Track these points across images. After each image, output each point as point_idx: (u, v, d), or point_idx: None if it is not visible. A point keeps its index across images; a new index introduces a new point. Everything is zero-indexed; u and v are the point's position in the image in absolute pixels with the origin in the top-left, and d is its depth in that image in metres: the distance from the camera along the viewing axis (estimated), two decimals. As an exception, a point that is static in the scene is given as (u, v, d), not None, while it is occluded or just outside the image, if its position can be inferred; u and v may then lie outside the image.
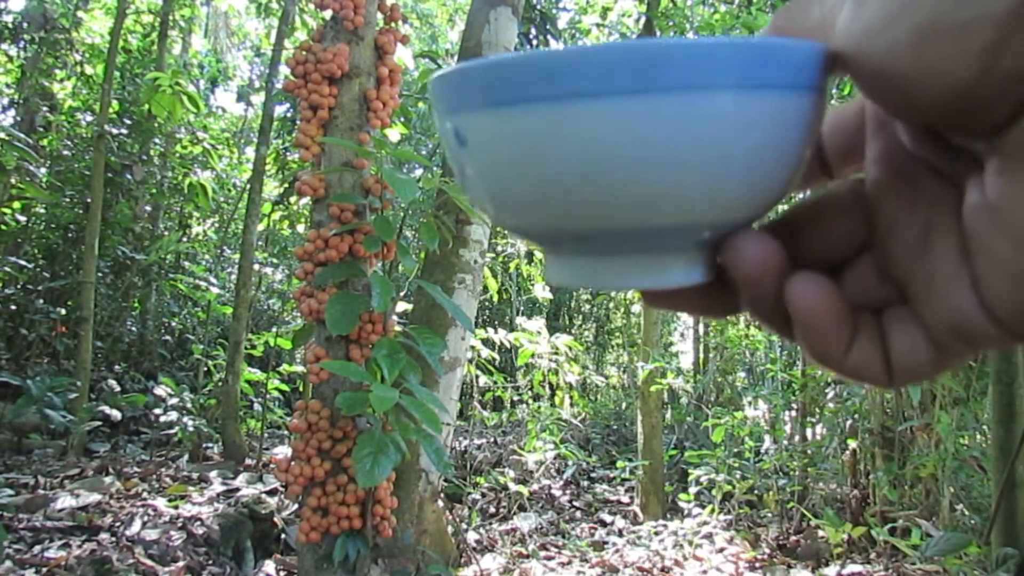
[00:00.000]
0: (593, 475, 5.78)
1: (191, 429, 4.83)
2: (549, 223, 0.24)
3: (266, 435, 5.69)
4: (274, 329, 6.30)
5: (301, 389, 6.64)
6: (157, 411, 4.89)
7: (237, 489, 4.07)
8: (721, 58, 0.21)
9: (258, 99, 11.01)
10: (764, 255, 0.26)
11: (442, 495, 3.10)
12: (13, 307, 6.14)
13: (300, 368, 5.77)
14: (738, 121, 0.22)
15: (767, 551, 3.76)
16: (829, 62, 0.24)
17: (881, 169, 0.27)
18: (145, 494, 3.82)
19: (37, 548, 2.81)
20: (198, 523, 3.23)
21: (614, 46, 0.21)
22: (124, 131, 6.79)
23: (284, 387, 5.98)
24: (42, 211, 6.83)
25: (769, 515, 4.38)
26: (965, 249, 0.24)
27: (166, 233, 7.94)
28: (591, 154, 0.21)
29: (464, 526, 3.78)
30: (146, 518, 3.25)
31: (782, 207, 0.30)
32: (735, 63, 0.21)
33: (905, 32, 0.21)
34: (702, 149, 0.22)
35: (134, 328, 7.38)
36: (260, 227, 6.63)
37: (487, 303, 8.95)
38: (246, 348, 5.56)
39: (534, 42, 6.84)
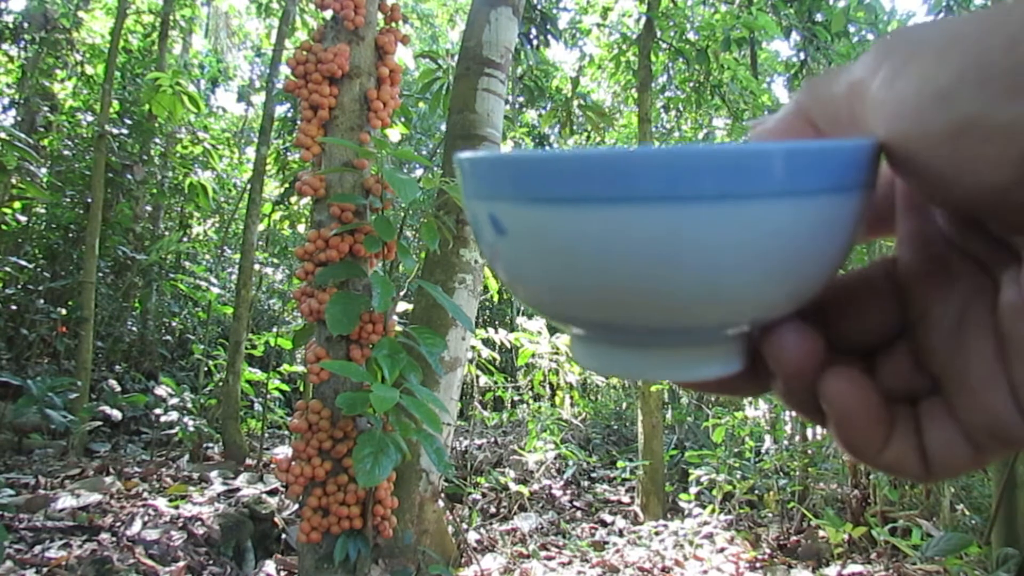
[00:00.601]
0: (593, 475, 5.78)
1: (192, 429, 4.83)
2: (586, 315, 0.24)
3: (267, 435, 5.69)
4: (275, 329, 6.30)
5: (302, 389, 6.64)
6: (158, 411, 4.89)
7: (238, 489, 4.07)
8: (776, 165, 0.21)
9: (259, 99, 11.02)
10: (804, 350, 0.25)
11: (443, 495, 3.11)
12: (14, 307, 6.14)
13: (301, 368, 5.77)
14: (789, 227, 0.22)
15: (767, 551, 3.76)
16: (879, 155, 0.24)
17: (912, 251, 0.27)
18: (146, 494, 3.82)
19: (38, 548, 2.81)
20: (199, 523, 3.23)
21: (673, 152, 0.20)
22: (125, 131, 6.79)
23: (285, 387, 5.99)
24: (43, 211, 6.84)
25: (770, 515, 4.38)
26: (1002, 348, 0.23)
27: (167, 233, 7.94)
28: (641, 256, 0.21)
29: (465, 526, 3.78)
30: (147, 518, 3.25)
31: None
32: (789, 170, 0.21)
33: (941, 124, 0.20)
34: (751, 255, 0.22)
35: (135, 328, 7.38)
36: (261, 227, 6.63)
37: (487, 303, 8.95)
38: (247, 348, 5.56)
39: (534, 42, 6.84)
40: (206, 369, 5.91)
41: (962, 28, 0.21)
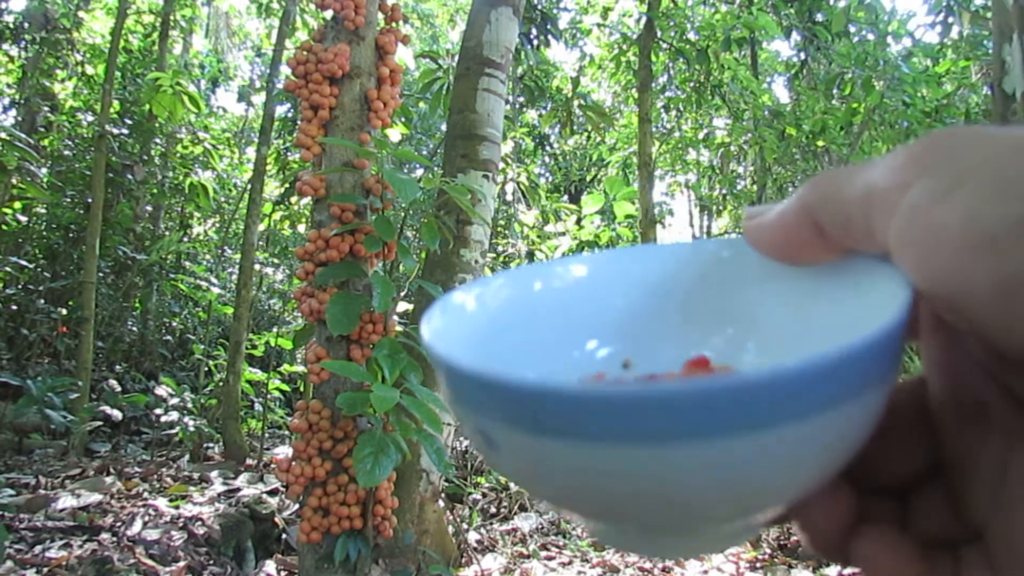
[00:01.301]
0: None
1: (192, 429, 4.84)
2: (587, 518, 0.23)
3: (267, 435, 5.69)
4: (275, 329, 6.31)
5: (302, 389, 6.64)
6: (158, 411, 4.89)
7: (238, 489, 4.07)
8: (806, 389, 0.18)
9: (259, 99, 11.02)
10: (832, 515, 0.23)
11: (443, 495, 3.10)
12: (14, 307, 6.14)
13: (301, 368, 5.77)
14: (817, 438, 0.20)
15: (768, 551, 3.75)
16: (903, 336, 0.21)
17: (943, 380, 0.24)
18: (146, 494, 3.82)
19: (38, 548, 2.81)
20: (199, 523, 3.23)
21: (667, 394, 0.18)
22: (125, 131, 6.79)
23: (285, 387, 5.99)
24: (43, 211, 6.84)
25: (770, 515, 4.38)
26: None
27: (167, 233, 7.95)
28: (641, 490, 0.20)
29: (465, 526, 3.78)
30: (147, 518, 3.25)
31: None
32: (820, 389, 0.19)
33: (988, 275, 0.18)
34: (777, 472, 0.20)
35: (135, 328, 7.38)
36: (261, 227, 6.63)
37: (488, 303, 8.92)
38: (247, 348, 5.56)
39: (535, 42, 6.84)
40: (206, 369, 5.91)
41: (1022, 158, 0.19)
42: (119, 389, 5.48)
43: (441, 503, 3.06)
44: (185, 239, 8.24)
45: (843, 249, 0.24)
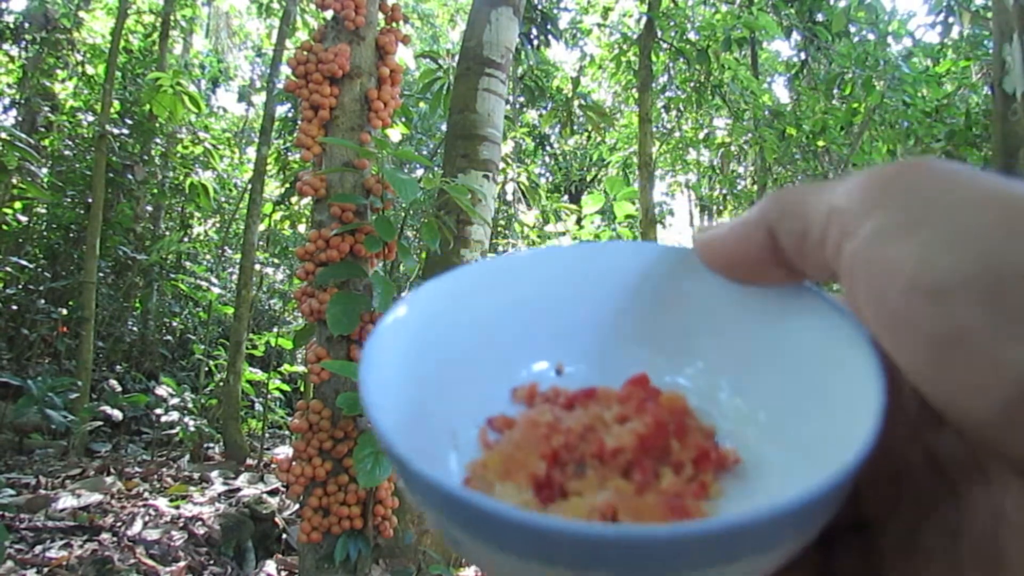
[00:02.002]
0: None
1: (192, 429, 4.84)
2: None
3: (267, 435, 5.69)
4: (275, 329, 6.31)
5: (302, 389, 6.64)
6: (158, 411, 4.89)
7: (238, 489, 4.07)
8: (741, 541, 0.18)
9: (259, 99, 11.03)
10: None
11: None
12: (15, 307, 6.14)
13: (301, 368, 5.77)
14: (745, 568, 0.19)
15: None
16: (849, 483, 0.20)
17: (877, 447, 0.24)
18: (146, 494, 3.82)
19: (38, 548, 2.81)
20: (199, 523, 3.23)
21: (605, 534, 0.18)
22: (125, 131, 6.79)
23: (285, 387, 5.99)
24: (43, 211, 6.84)
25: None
26: (986, 568, 0.19)
27: (167, 233, 7.95)
28: None
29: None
30: (147, 518, 3.26)
31: None
32: (754, 541, 0.18)
33: (928, 325, 0.18)
34: None
35: (135, 328, 7.38)
36: (261, 227, 6.63)
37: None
38: (247, 348, 5.56)
39: (535, 42, 6.84)
40: (207, 369, 5.91)
41: (987, 211, 0.18)
42: (119, 389, 5.48)
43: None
44: (185, 239, 8.24)
45: (793, 267, 0.24)
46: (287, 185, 7.41)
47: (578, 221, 6.99)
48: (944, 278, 0.17)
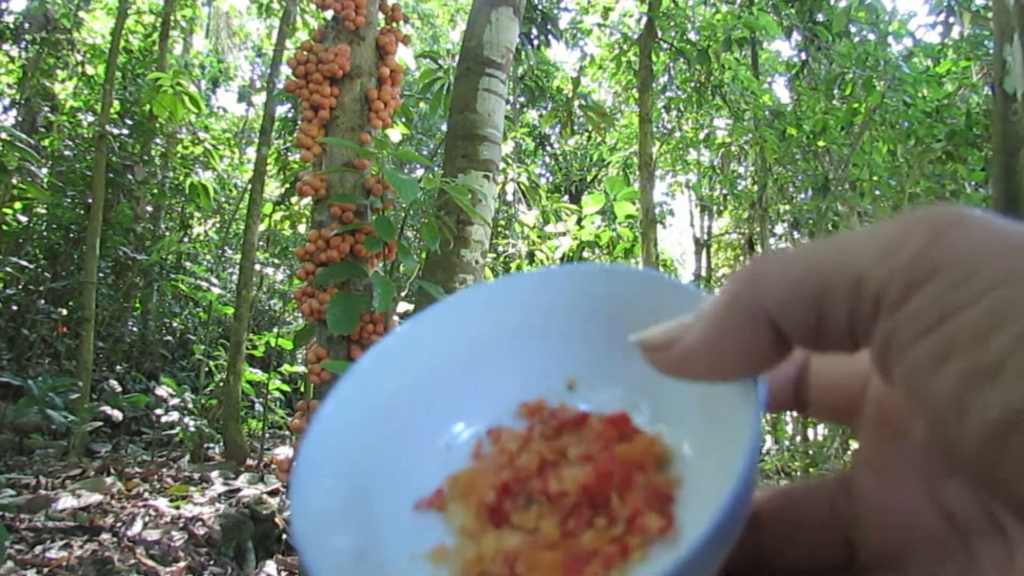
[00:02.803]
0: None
1: (192, 429, 4.84)
2: None
3: (267, 435, 5.69)
4: (275, 329, 6.31)
5: (302, 389, 6.64)
6: (158, 411, 4.89)
7: (238, 489, 4.07)
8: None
9: (259, 99, 11.03)
10: None
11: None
12: (15, 307, 6.14)
13: (301, 368, 5.77)
14: None
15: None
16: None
17: (875, 487, 0.22)
18: (146, 494, 3.82)
19: (39, 548, 2.81)
20: (199, 523, 3.23)
21: None
22: (125, 131, 6.79)
23: (285, 387, 5.99)
24: (43, 211, 6.84)
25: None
26: None
27: (167, 233, 7.95)
28: None
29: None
30: (147, 518, 3.25)
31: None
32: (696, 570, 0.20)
33: (984, 411, 0.17)
34: None
35: (135, 328, 7.38)
36: (261, 227, 6.63)
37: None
38: (247, 348, 5.56)
39: (535, 42, 6.84)
40: (207, 369, 5.91)
41: None
42: (119, 389, 5.48)
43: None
44: (185, 239, 8.25)
45: (810, 350, 0.21)
46: (287, 185, 7.41)
47: (578, 221, 6.99)
48: (997, 359, 0.16)
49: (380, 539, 0.26)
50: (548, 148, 11.97)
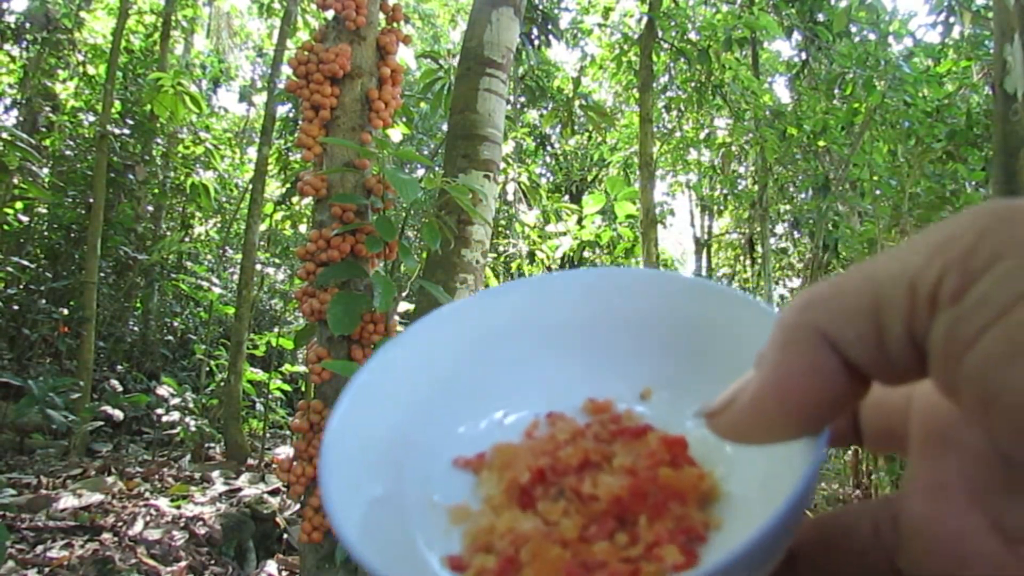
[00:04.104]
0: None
1: (193, 429, 4.84)
2: None
3: (268, 435, 5.69)
4: (276, 329, 6.31)
5: (303, 389, 6.64)
6: (159, 411, 4.90)
7: (239, 489, 4.07)
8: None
9: (260, 99, 11.03)
10: None
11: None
12: (16, 307, 6.15)
13: (302, 368, 5.77)
14: None
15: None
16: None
17: (922, 508, 0.21)
18: (147, 494, 3.82)
19: (40, 548, 2.81)
20: (200, 523, 3.23)
21: None
22: (126, 131, 6.80)
23: (286, 387, 5.99)
24: (44, 211, 6.84)
25: (771, 515, 4.37)
26: None
27: (168, 233, 7.95)
28: None
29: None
30: (148, 518, 3.26)
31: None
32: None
33: None
34: None
35: (136, 328, 7.39)
36: (262, 227, 6.64)
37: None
38: (248, 348, 5.56)
39: (536, 42, 6.85)
40: (208, 369, 5.91)
41: None
42: (120, 389, 5.49)
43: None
44: (186, 239, 8.25)
45: (877, 375, 0.19)
46: (288, 185, 7.42)
47: (579, 221, 6.99)
48: None
49: (408, 486, 0.27)
50: (549, 148, 11.97)
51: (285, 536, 3.43)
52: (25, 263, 6.12)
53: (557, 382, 0.30)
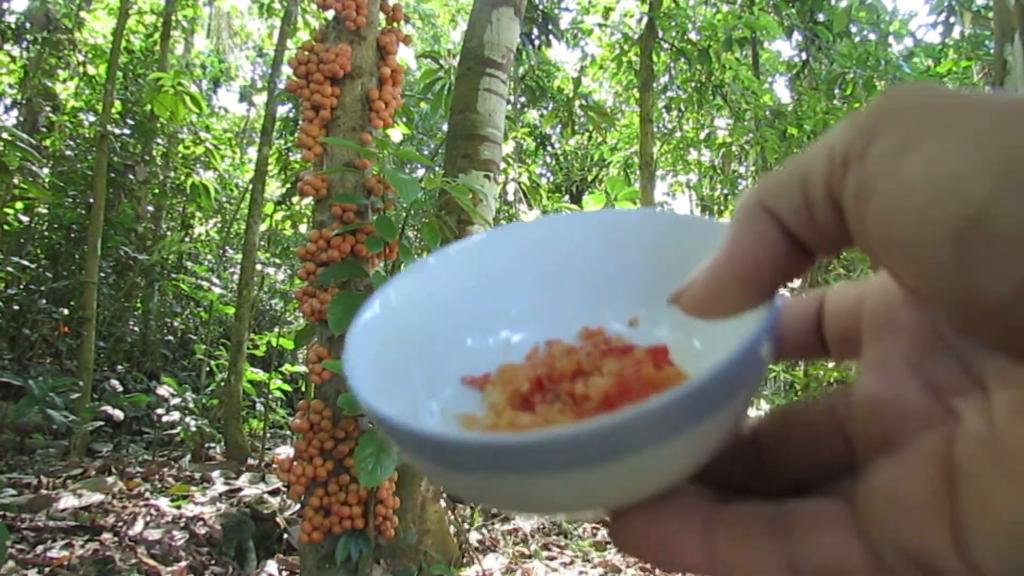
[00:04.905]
0: (595, 475, 5.78)
1: (193, 429, 4.84)
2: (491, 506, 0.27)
3: (268, 435, 5.69)
4: (276, 329, 6.31)
5: (303, 389, 6.64)
6: (159, 411, 4.89)
7: (239, 489, 4.07)
8: (669, 419, 0.20)
9: (260, 99, 11.03)
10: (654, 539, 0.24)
11: (444, 495, 3.10)
12: (16, 307, 6.15)
13: (302, 368, 5.77)
14: (661, 459, 0.22)
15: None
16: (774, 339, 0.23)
17: (869, 382, 0.23)
18: (148, 494, 3.82)
19: (40, 548, 2.81)
20: (200, 523, 3.23)
21: (569, 435, 0.20)
22: (127, 131, 6.80)
23: (286, 387, 5.99)
24: (45, 211, 6.85)
25: (771, 515, 4.38)
26: (951, 483, 0.20)
27: (168, 233, 7.95)
28: (541, 498, 0.23)
29: (466, 526, 3.78)
30: (149, 518, 3.26)
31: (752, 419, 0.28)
32: (682, 418, 0.20)
33: (946, 215, 0.18)
34: (628, 485, 0.22)
35: (136, 328, 7.39)
36: (262, 227, 6.64)
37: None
38: (248, 348, 5.56)
39: (536, 42, 6.84)
40: (208, 369, 5.92)
41: (988, 111, 0.18)
42: (121, 389, 5.48)
43: (443, 503, 3.06)
44: (187, 239, 8.25)
45: (808, 245, 0.22)
46: (288, 185, 7.42)
47: (579, 221, 6.98)
48: (962, 166, 0.18)
49: (420, 395, 0.30)
50: (549, 148, 11.97)
51: (285, 536, 3.42)
52: (25, 263, 6.13)
53: (556, 314, 0.33)
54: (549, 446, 0.20)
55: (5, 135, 4.03)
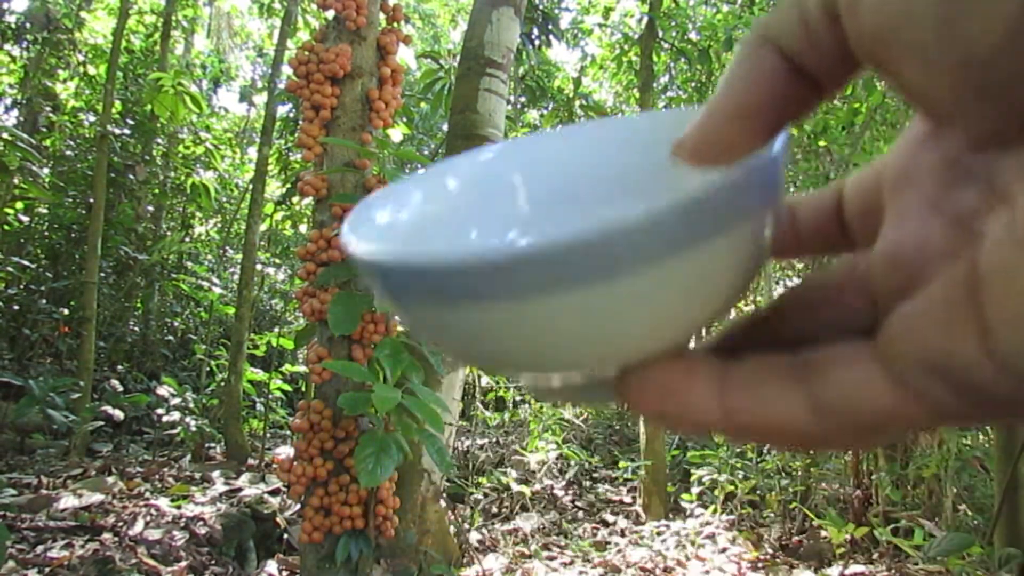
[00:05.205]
0: (595, 475, 5.78)
1: (193, 429, 4.84)
2: (488, 366, 0.24)
3: (268, 435, 5.69)
4: (276, 329, 6.31)
5: (303, 389, 6.64)
6: (160, 411, 4.90)
7: (239, 489, 4.07)
8: (663, 230, 0.18)
9: (260, 99, 11.03)
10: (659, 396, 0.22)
11: (444, 495, 3.10)
12: (16, 307, 6.15)
13: (302, 368, 5.77)
14: (679, 279, 0.20)
15: (769, 551, 3.75)
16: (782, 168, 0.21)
17: (890, 231, 0.23)
18: (148, 494, 3.82)
19: (40, 548, 2.81)
20: (201, 523, 3.23)
21: (556, 246, 0.18)
22: (127, 131, 6.80)
23: (286, 387, 5.99)
24: (45, 211, 6.85)
25: (771, 515, 4.38)
26: (976, 293, 0.19)
27: (168, 233, 7.95)
28: (536, 341, 0.20)
29: (466, 526, 3.78)
30: (149, 518, 3.26)
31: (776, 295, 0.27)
32: (678, 230, 0.18)
33: (930, 7, 0.18)
34: (637, 321, 0.20)
35: (137, 328, 7.39)
36: (262, 227, 6.64)
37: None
38: (248, 348, 5.56)
39: (536, 42, 6.85)
40: (208, 369, 5.92)
41: None
42: (121, 389, 5.49)
43: (443, 503, 3.06)
44: (187, 239, 8.25)
45: (809, 61, 0.21)
46: (288, 185, 7.41)
47: (579, 221, 6.99)
48: None
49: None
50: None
51: (285, 536, 3.42)
52: (25, 263, 6.13)
53: (568, 218, 0.32)
54: (538, 254, 0.17)
55: (5, 135, 4.03)
